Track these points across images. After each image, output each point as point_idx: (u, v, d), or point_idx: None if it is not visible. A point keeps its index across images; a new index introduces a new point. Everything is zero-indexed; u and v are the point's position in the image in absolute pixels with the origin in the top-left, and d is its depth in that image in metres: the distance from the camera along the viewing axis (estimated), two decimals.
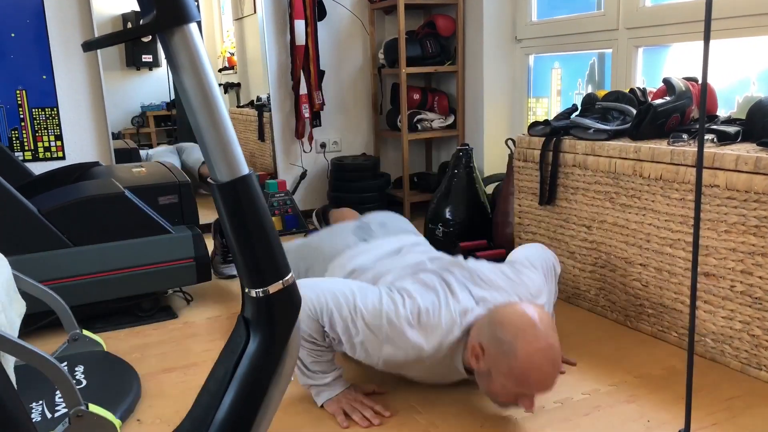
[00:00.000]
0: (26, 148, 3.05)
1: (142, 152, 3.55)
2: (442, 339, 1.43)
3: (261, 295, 0.98)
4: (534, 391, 1.35)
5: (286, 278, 0.99)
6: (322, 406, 1.56)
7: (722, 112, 2.23)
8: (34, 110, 3.03)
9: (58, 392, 1.58)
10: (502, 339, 1.34)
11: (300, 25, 3.34)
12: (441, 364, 1.49)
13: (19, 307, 1.45)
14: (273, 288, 0.98)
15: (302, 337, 1.46)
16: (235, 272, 2.63)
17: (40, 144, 3.07)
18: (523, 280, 1.60)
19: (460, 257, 1.70)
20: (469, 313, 1.46)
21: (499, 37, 3.34)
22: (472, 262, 1.64)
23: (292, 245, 2.10)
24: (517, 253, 1.79)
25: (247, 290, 0.99)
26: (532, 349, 1.31)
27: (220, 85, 0.91)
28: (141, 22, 0.88)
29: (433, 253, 1.81)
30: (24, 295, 1.52)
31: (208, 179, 0.95)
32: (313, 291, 1.46)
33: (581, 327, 1.99)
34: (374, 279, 1.65)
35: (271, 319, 0.99)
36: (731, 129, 1.79)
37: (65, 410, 1.36)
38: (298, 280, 1.46)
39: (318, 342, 1.48)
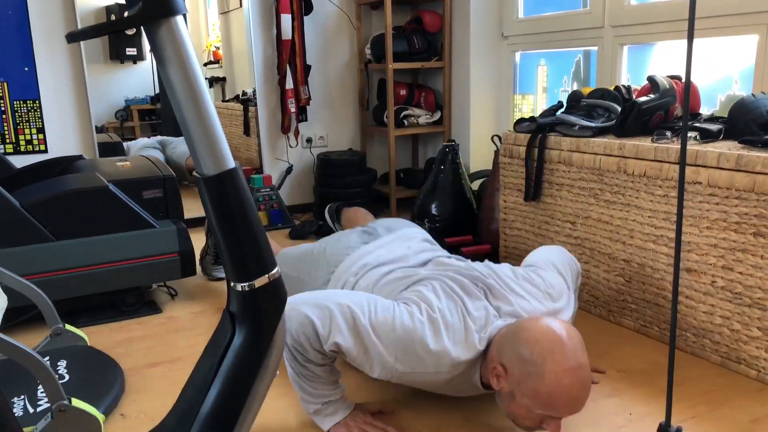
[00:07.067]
0: (7, 141, 3.01)
1: (124, 144, 3.51)
2: (460, 353, 1.32)
3: (246, 288, 0.97)
4: (563, 414, 1.24)
5: (272, 272, 0.99)
6: (328, 431, 1.43)
7: (705, 111, 2.25)
8: (15, 102, 2.99)
9: (40, 387, 1.57)
10: (528, 359, 1.23)
11: (286, 19, 3.32)
12: (458, 379, 1.38)
13: (1, 302, 1.43)
14: (259, 282, 0.98)
15: (306, 357, 1.34)
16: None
17: (21, 137, 3.03)
18: (543, 282, 1.53)
19: (477, 262, 1.60)
20: (490, 326, 1.36)
21: (486, 33, 3.35)
22: (487, 265, 1.56)
23: (296, 250, 2.00)
24: (535, 256, 1.70)
25: (232, 284, 0.99)
26: (561, 370, 1.21)
27: (205, 79, 0.91)
28: (126, 14, 0.87)
29: (446, 258, 1.69)
30: (6, 289, 1.50)
31: (194, 172, 0.95)
32: (317, 306, 1.33)
33: None
34: (385, 278, 1.57)
35: (257, 313, 0.99)
36: (714, 127, 1.81)
37: (48, 405, 1.35)
38: (300, 294, 1.38)
39: (321, 359, 1.35)
